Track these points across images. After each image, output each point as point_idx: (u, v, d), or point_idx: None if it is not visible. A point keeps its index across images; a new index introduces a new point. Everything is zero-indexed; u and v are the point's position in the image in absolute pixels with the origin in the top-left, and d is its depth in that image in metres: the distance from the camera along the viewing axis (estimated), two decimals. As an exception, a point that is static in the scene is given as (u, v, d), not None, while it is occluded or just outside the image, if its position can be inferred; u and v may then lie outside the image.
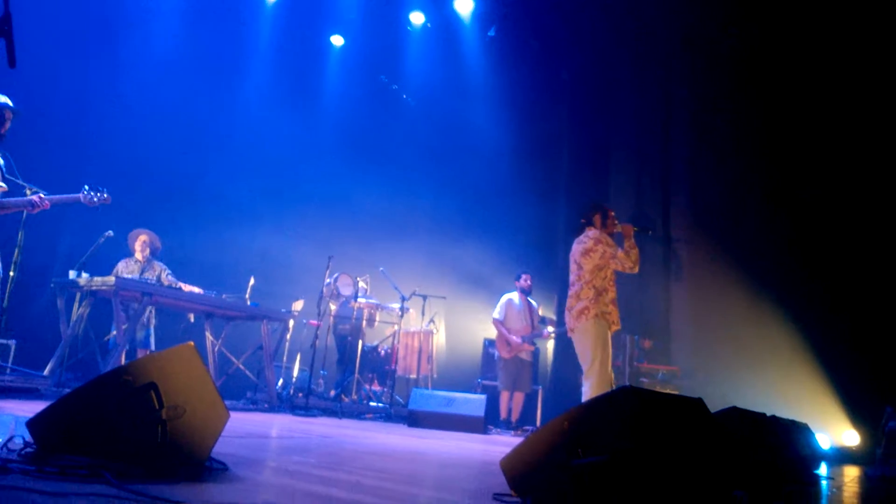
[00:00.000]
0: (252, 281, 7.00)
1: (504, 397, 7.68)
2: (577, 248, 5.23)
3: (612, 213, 5.33)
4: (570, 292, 5.20)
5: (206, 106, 9.08)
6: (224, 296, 6.68)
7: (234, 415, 2.44)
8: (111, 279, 5.76)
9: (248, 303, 6.81)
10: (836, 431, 7.58)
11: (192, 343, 2.15)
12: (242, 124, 9.55)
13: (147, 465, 1.95)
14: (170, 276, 6.93)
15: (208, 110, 9.13)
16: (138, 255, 6.98)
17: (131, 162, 8.16)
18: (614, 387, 4.95)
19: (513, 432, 7.34)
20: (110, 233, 6.42)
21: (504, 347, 7.71)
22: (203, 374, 2.17)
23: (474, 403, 6.77)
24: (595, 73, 10.02)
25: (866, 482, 5.06)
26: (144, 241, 6.99)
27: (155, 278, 6.69)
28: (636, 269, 5.13)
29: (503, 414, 7.64)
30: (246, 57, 9.66)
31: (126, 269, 6.91)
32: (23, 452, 1.95)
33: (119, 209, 5.93)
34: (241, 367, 7.04)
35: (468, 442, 5.43)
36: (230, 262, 8.66)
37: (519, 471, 2.21)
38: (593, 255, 5.11)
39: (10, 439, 2.02)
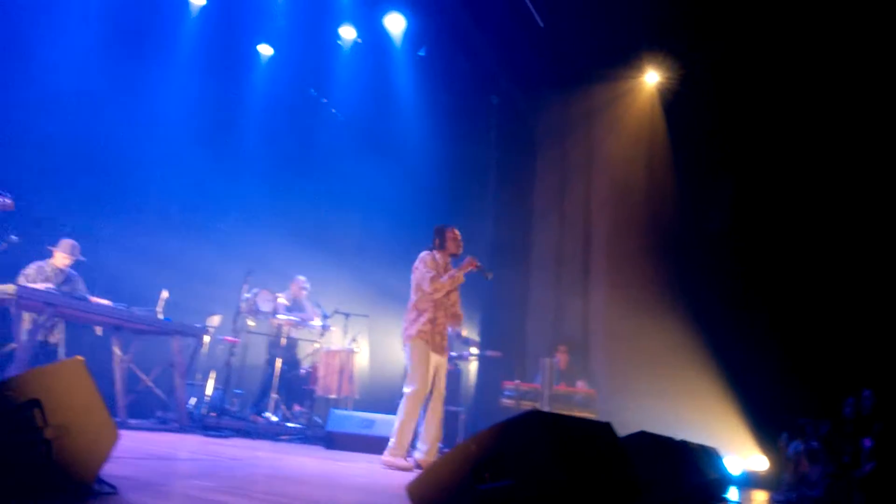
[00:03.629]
0: (165, 294, 6.71)
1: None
2: None
3: (451, 235, 5.25)
4: None
5: (123, 109, 8.68)
6: (135, 309, 6.38)
7: (140, 435, 2.31)
8: (11, 287, 5.36)
9: (161, 317, 6.52)
10: (745, 456, 7.84)
11: (80, 357, 2.01)
12: (161, 129, 9.14)
13: (29, 488, 1.81)
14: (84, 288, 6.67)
15: (125, 113, 8.73)
16: (58, 263, 6.59)
17: (39, 165, 7.73)
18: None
19: (432, 454, 7.25)
20: (14, 238, 6.04)
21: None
22: (92, 391, 2.03)
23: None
24: (523, 97, 10.22)
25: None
26: (71, 255, 6.64)
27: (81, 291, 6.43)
28: (436, 296, 5.03)
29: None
30: (169, 61, 9.28)
31: (40, 275, 6.49)
32: None
33: (25, 213, 5.58)
34: (150, 384, 6.71)
35: (385, 464, 5.32)
36: (144, 274, 8.29)
37: (426, 496, 2.16)
38: (415, 274, 5.14)
39: None
